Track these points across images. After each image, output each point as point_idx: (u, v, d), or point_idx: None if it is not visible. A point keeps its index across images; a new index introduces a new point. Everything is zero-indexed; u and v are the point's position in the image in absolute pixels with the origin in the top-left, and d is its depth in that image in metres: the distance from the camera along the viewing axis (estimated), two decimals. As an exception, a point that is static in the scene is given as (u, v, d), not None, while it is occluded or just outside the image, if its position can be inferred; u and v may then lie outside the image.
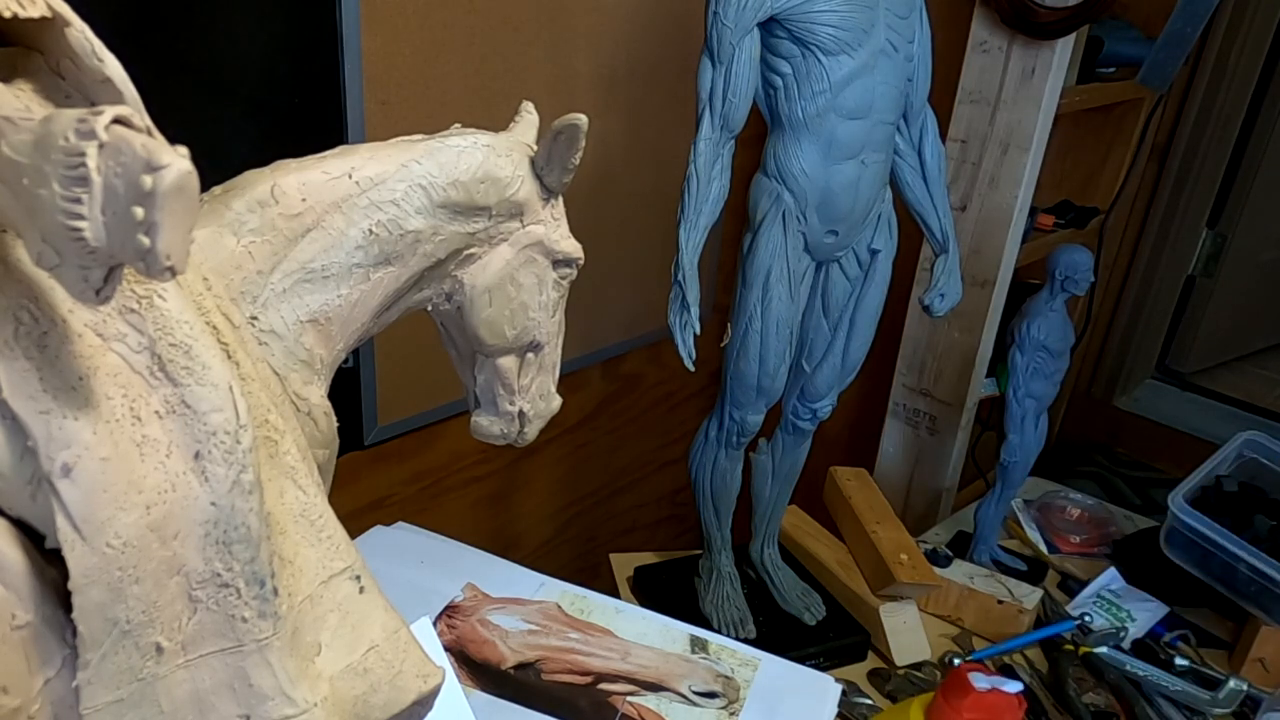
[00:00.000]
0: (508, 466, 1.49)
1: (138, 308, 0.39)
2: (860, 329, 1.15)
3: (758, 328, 1.07)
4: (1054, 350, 1.43)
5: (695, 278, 1.00)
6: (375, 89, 1.07)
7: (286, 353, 0.51)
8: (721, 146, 0.99)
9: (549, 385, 0.66)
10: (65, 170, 0.28)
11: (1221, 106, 2.15)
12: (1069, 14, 1.41)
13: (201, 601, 0.40)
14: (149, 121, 0.30)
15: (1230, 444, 1.50)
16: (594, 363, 1.53)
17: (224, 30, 0.95)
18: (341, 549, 0.48)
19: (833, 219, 1.04)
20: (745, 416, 1.14)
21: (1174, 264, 2.32)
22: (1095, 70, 1.80)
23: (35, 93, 0.36)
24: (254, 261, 0.49)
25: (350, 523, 0.52)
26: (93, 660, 0.37)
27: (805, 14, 0.95)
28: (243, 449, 0.40)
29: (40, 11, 0.33)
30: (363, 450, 1.24)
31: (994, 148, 1.57)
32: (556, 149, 0.57)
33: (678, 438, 1.75)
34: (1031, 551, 1.61)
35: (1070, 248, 1.40)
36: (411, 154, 0.54)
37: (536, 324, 0.62)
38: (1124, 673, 1.23)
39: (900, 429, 1.83)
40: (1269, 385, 2.49)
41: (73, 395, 0.36)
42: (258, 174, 0.51)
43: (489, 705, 0.86)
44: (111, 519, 0.36)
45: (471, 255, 0.58)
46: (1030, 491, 1.74)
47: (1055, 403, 1.61)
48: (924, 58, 1.06)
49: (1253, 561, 1.27)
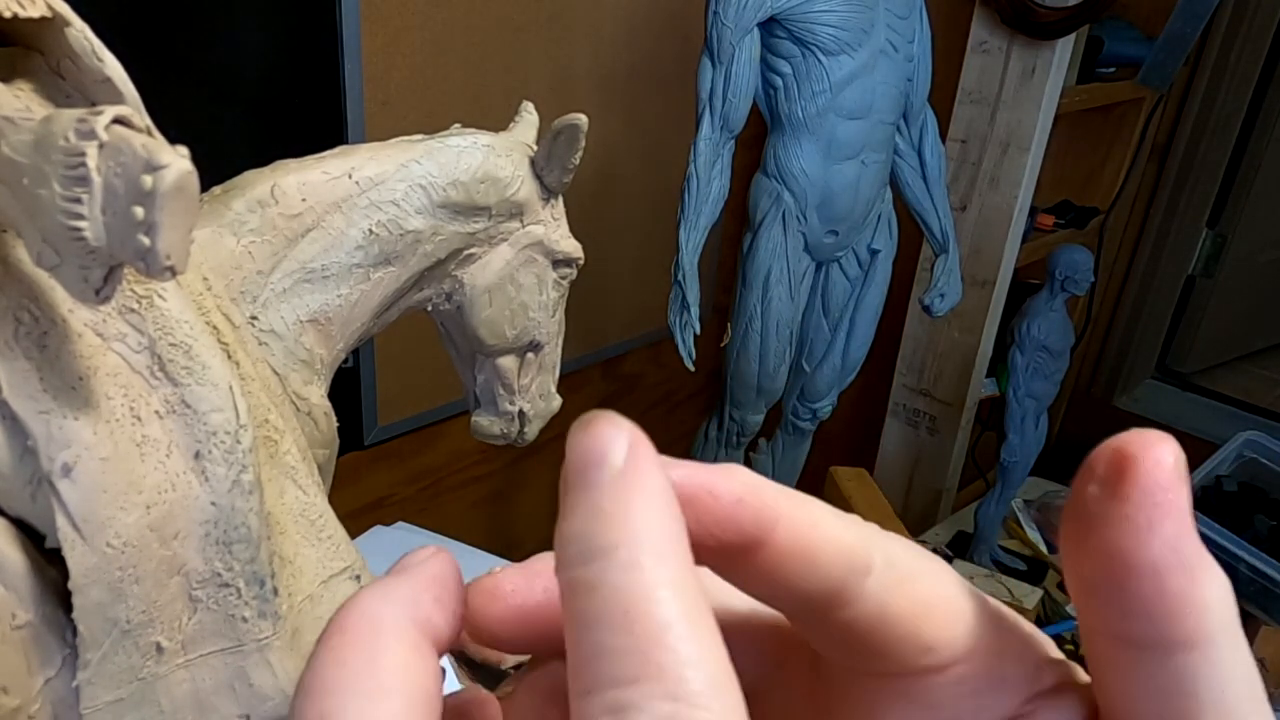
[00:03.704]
0: (508, 466, 1.49)
1: (138, 307, 0.39)
2: (860, 329, 1.15)
3: (758, 328, 1.07)
4: (1054, 350, 1.43)
5: (695, 278, 1.00)
6: (375, 89, 1.07)
7: (286, 353, 0.51)
8: (721, 146, 0.99)
9: (549, 385, 0.66)
10: (65, 170, 0.28)
11: (1221, 106, 2.15)
12: (1069, 14, 1.41)
13: (201, 601, 0.40)
14: (149, 121, 0.30)
15: (1230, 444, 1.50)
16: (594, 363, 1.53)
17: (224, 30, 0.95)
18: (341, 549, 0.48)
19: (833, 219, 1.04)
20: (745, 416, 1.14)
21: (1174, 264, 2.31)
22: (1095, 70, 1.80)
23: (35, 93, 0.36)
24: (254, 261, 0.49)
25: (350, 523, 0.52)
26: (93, 660, 0.37)
27: (805, 14, 0.95)
28: (243, 449, 0.40)
29: (40, 11, 0.33)
30: (363, 450, 1.24)
31: (994, 148, 1.57)
32: (556, 149, 0.57)
33: (678, 438, 1.75)
34: (1031, 551, 1.61)
35: (1070, 248, 1.40)
36: (411, 154, 0.54)
37: (536, 324, 0.62)
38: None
39: (900, 429, 1.83)
40: (1269, 385, 2.49)
41: (73, 395, 0.36)
42: (258, 174, 0.51)
43: (489, 705, 0.86)
44: (111, 519, 0.36)
45: (471, 255, 0.58)
46: (1030, 491, 1.74)
47: (1055, 403, 1.61)
48: (924, 58, 1.06)
49: (1253, 561, 1.27)
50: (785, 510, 0.17)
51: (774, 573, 0.17)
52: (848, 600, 0.17)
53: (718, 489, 0.17)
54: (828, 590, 0.17)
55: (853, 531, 0.18)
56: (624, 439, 0.16)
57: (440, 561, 0.18)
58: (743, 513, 0.17)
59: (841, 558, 0.17)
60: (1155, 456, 0.16)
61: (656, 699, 0.13)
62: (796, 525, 0.17)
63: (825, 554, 0.17)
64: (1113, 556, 0.16)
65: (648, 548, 0.14)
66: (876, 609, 0.18)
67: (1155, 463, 0.16)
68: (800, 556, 0.17)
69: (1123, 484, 0.16)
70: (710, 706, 0.13)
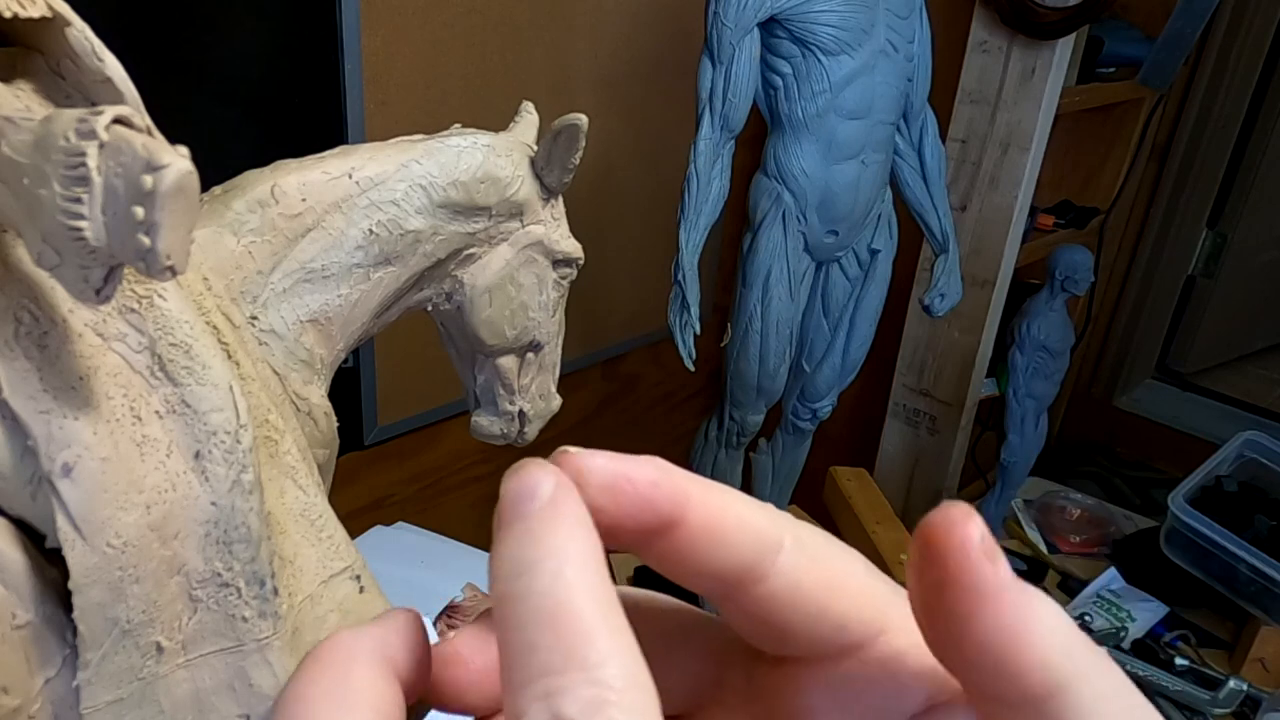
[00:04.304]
0: (508, 466, 1.49)
1: (138, 307, 0.39)
2: (860, 329, 1.15)
3: (758, 328, 1.07)
4: (1054, 350, 1.43)
5: (695, 278, 1.00)
6: (375, 89, 1.07)
7: (287, 353, 0.51)
8: (721, 146, 0.99)
9: (549, 385, 0.66)
10: (65, 170, 0.28)
11: (1221, 106, 2.15)
12: (1069, 14, 1.41)
13: (202, 601, 0.40)
14: (149, 121, 0.30)
15: (1230, 444, 1.50)
16: (594, 363, 1.53)
17: (224, 30, 0.95)
18: (341, 549, 0.48)
19: (833, 219, 1.04)
20: (745, 416, 1.14)
21: (1174, 264, 2.31)
22: (1095, 70, 1.80)
23: (35, 93, 0.36)
24: (254, 261, 0.49)
25: (350, 523, 0.52)
26: (93, 660, 0.37)
27: (805, 14, 0.95)
28: (243, 449, 0.40)
29: (40, 11, 0.33)
30: (363, 450, 1.24)
31: (994, 148, 1.57)
32: (556, 149, 0.57)
33: (678, 438, 1.75)
34: (1031, 551, 1.61)
35: (1070, 248, 1.40)
36: (411, 154, 0.54)
37: (536, 324, 0.62)
38: (1124, 673, 1.23)
39: (900, 429, 1.83)
40: (1269, 385, 2.49)
41: (73, 395, 0.36)
42: (258, 174, 0.51)
43: (489, 705, 0.86)
44: (112, 519, 0.36)
45: (471, 255, 0.58)
46: (1030, 491, 1.74)
47: (1055, 403, 1.61)
48: (924, 58, 1.06)
49: (1253, 561, 1.27)
50: (696, 494, 0.19)
51: (688, 551, 0.19)
52: (760, 576, 0.19)
53: (633, 475, 0.19)
54: (740, 567, 0.19)
55: (762, 514, 0.20)
56: (550, 478, 0.18)
57: (409, 617, 0.20)
58: (657, 496, 0.19)
59: (750, 536, 0.19)
60: (960, 537, 0.17)
61: (581, 685, 0.15)
62: (707, 508, 0.19)
63: (735, 533, 0.19)
64: (953, 638, 0.18)
65: (571, 560, 0.16)
66: (788, 586, 0.19)
67: (960, 544, 0.17)
68: (711, 535, 0.19)
69: (937, 572, 0.18)
70: (625, 692, 0.15)
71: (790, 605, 0.19)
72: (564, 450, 0.19)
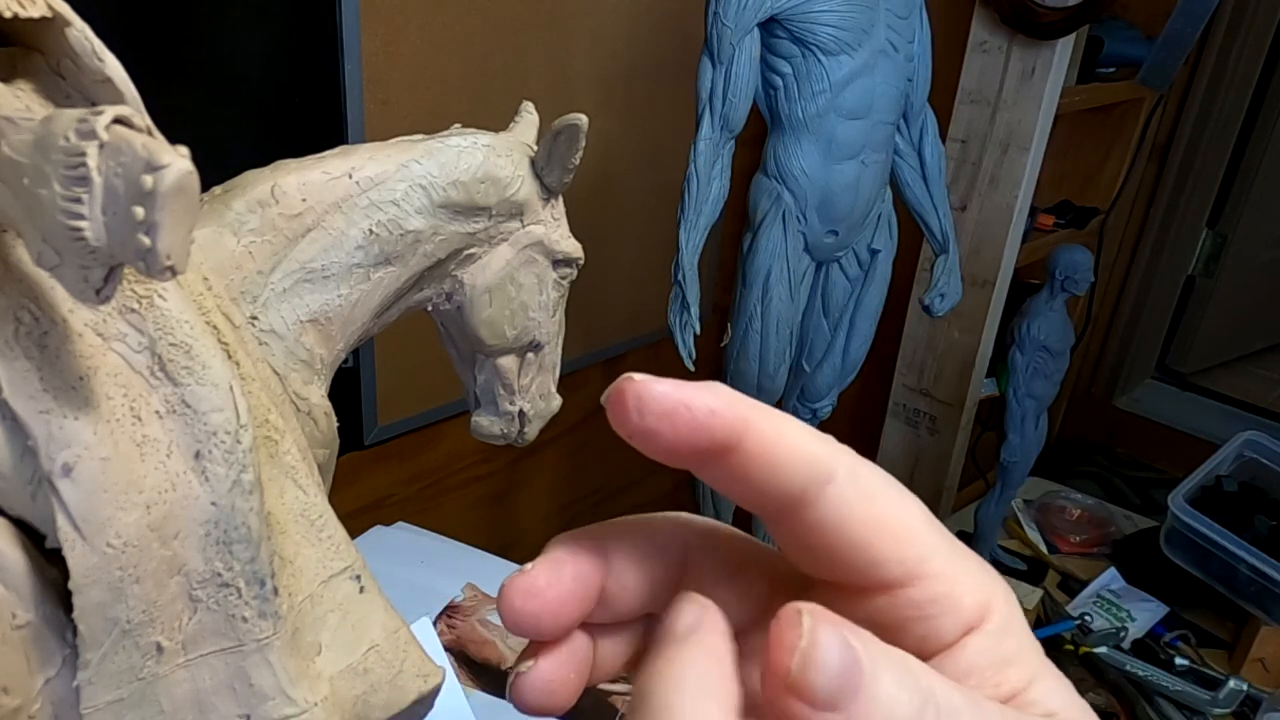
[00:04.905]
0: (508, 466, 1.49)
1: (138, 307, 0.39)
2: (860, 329, 1.15)
3: (758, 328, 1.07)
4: (1054, 350, 1.43)
5: (695, 278, 1.00)
6: (375, 89, 1.07)
7: (287, 353, 0.51)
8: (721, 146, 0.99)
9: (549, 385, 0.66)
10: (65, 170, 0.28)
11: (1221, 106, 2.15)
12: (1069, 14, 1.42)
13: (202, 601, 0.40)
14: (149, 121, 0.30)
15: (1230, 444, 1.50)
16: (594, 363, 1.53)
17: (224, 30, 0.95)
18: (341, 549, 0.48)
19: (833, 219, 1.04)
20: (745, 416, 1.14)
21: (1174, 264, 2.32)
22: (1095, 70, 1.80)
23: (35, 93, 0.36)
24: (254, 261, 0.49)
25: (350, 523, 0.52)
26: (93, 660, 0.37)
27: (805, 14, 0.95)
28: (243, 449, 0.40)
29: (40, 11, 0.33)
30: (363, 450, 1.24)
31: (994, 148, 1.57)
32: (556, 149, 0.57)
33: (678, 438, 1.75)
34: (1031, 551, 1.61)
35: (1070, 248, 1.40)
36: (411, 154, 0.54)
37: (536, 324, 0.62)
38: (1124, 673, 1.23)
39: (900, 429, 1.83)
40: (1269, 385, 2.49)
41: (73, 395, 0.36)
42: (258, 174, 0.51)
43: (489, 705, 0.86)
44: (112, 519, 0.36)
45: (471, 255, 0.58)
46: (1030, 491, 1.74)
47: (1055, 403, 1.61)
48: (924, 58, 1.06)
49: (1253, 561, 1.27)
50: (755, 421, 0.20)
51: (742, 474, 0.20)
52: (808, 502, 0.20)
53: (692, 403, 0.20)
54: (790, 493, 0.20)
55: (820, 446, 0.21)
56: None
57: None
58: (713, 423, 0.20)
59: (803, 465, 0.20)
60: (784, 647, 0.18)
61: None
62: (763, 435, 0.20)
63: (787, 461, 0.20)
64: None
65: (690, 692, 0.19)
66: (834, 515, 0.21)
67: (779, 661, 0.18)
68: (764, 461, 0.20)
69: (772, 685, 0.18)
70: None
71: (833, 534, 0.20)
72: (628, 377, 0.20)
